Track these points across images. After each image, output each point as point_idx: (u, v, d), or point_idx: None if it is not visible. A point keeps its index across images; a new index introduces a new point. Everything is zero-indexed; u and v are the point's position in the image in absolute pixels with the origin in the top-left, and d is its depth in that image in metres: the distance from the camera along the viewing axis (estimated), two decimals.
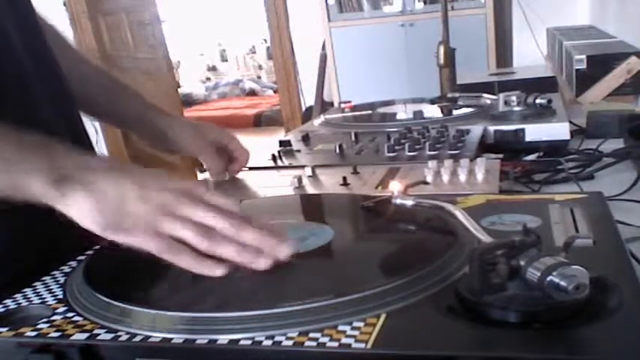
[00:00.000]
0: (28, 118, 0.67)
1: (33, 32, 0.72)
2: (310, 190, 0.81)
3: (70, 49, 0.86)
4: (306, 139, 1.09)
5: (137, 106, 0.86)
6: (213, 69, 7.29)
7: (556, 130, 0.99)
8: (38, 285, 0.54)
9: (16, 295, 0.52)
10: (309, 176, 0.85)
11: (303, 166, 0.89)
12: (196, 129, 0.87)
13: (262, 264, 0.50)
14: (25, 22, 0.71)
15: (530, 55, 2.72)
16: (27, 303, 0.51)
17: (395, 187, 0.62)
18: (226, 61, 7.28)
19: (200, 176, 0.96)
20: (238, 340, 0.41)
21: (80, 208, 0.51)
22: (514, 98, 1.07)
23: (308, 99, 3.99)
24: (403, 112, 1.32)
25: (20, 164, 0.52)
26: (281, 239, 0.52)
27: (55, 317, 0.47)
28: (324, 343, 0.40)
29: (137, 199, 0.52)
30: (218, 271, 0.50)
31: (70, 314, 0.48)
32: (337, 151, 0.97)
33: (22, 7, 0.71)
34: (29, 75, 0.69)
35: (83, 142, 0.78)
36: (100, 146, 4.16)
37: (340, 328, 0.41)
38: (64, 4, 3.84)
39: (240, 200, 0.70)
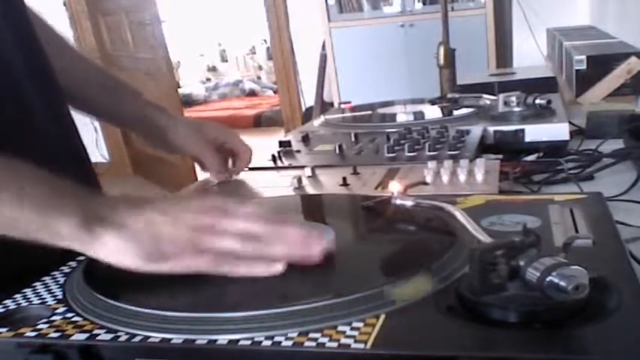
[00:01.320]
0: (21, 118, 0.67)
1: (25, 31, 0.71)
2: (310, 190, 0.81)
3: (68, 48, 0.85)
4: (306, 139, 1.09)
5: (137, 106, 0.86)
6: (213, 69, 7.29)
7: (556, 131, 0.99)
8: (38, 285, 0.54)
9: (15, 296, 0.52)
10: (309, 177, 0.85)
11: (303, 167, 0.89)
12: (195, 128, 0.87)
13: (314, 257, 0.49)
14: (18, 22, 0.71)
15: (530, 56, 2.72)
16: (27, 303, 0.51)
17: (395, 187, 0.62)
18: (226, 61, 7.29)
19: (200, 176, 0.96)
20: (238, 340, 0.41)
21: (117, 247, 0.50)
22: (514, 99, 1.07)
23: (308, 99, 3.99)
24: (403, 113, 1.32)
25: (53, 206, 0.52)
26: (318, 234, 0.52)
27: (54, 317, 0.47)
28: (324, 344, 0.40)
29: (170, 225, 0.51)
30: (277, 268, 0.49)
31: (69, 314, 0.48)
32: (337, 151, 0.97)
33: (14, 5, 0.71)
34: (20, 73, 0.69)
35: (75, 142, 0.78)
36: (100, 146, 4.17)
37: (340, 328, 0.41)
38: (64, 4, 3.85)
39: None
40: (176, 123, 0.86)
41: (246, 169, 0.91)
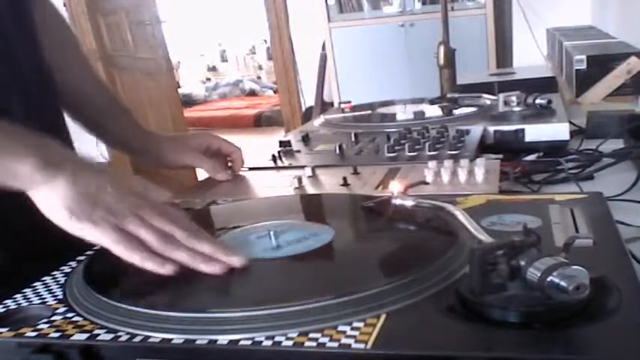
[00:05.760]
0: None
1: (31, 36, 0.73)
2: (310, 190, 0.81)
3: (84, 64, 0.88)
4: (306, 139, 1.09)
5: (127, 133, 0.89)
6: (213, 69, 7.29)
7: (556, 131, 0.99)
8: (38, 285, 0.54)
9: (16, 296, 0.52)
10: (309, 176, 0.85)
11: (303, 167, 0.89)
12: (176, 141, 0.90)
13: (216, 268, 0.51)
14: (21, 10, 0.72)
15: (530, 55, 2.72)
16: (27, 303, 0.51)
17: (395, 187, 0.62)
18: (226, 61, 7.29)
19: (200, 176, 0.96)
20: (238, 340, 0.41)
21: (57, 193, 0.53)
22: (514, 98, 1.07)
23: (308, 99, 3.99)
24: (403, 113, 1.32)
25: (11, 149, 0.54)
26: (232, 250, 0.54)
27: (55, 317, 0.47)
28: (324, 344, 0.40)
29: (113, 196, 0.54)
30: (165, 269, 0.51)
31: (69, 314, 0.48)
32: (337, 151, 0.97)
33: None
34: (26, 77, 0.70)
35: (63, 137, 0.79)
36: (101, 146, 4.16)
37: (340, 328, 0.41)
38: (64, 4, 3.84)
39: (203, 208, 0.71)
40: (157, 143, 0.89)
41: (245, 169, 0.91)
